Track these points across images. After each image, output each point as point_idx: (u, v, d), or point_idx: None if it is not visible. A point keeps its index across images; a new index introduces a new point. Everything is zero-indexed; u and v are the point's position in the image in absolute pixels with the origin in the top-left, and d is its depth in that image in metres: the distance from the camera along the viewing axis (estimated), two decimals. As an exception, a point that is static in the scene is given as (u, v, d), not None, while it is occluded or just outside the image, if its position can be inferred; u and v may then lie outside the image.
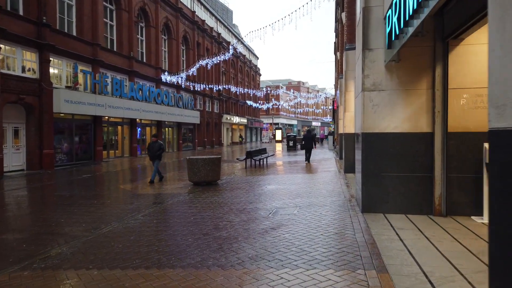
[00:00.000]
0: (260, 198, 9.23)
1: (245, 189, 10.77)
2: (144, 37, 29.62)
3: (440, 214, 6.40)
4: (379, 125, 6.66)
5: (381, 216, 6.49)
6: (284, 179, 12.67)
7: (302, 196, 9.12)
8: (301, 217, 6.79)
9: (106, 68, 23.73)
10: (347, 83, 13.55)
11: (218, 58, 26.31)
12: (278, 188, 10.74)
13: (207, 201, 9.09)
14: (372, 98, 6.69)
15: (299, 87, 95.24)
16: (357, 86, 7.69)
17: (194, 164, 11.97)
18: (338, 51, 22.38)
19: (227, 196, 9.64)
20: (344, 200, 8.30)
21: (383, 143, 6.65)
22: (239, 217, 7.13)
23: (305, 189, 10.33)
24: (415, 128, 6.54)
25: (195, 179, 11.99)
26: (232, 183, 12.29)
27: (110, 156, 24.46)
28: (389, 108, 6.63)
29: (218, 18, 48.42)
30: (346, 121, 13.65)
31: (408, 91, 6.56)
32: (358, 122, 7.40)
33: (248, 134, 64.90)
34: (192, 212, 7.86)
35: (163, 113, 30.33)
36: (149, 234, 6.15)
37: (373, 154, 6.68)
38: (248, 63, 62.46)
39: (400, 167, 6.57)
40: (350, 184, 10.80)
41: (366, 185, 6.74)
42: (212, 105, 44.66)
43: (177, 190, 11.15)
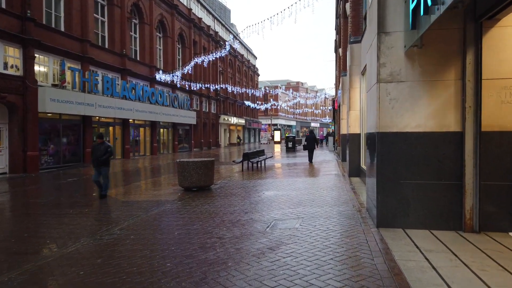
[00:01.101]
0: (257, 206, 8.15)
1: (241, 196, 9.69)
2: (138, 34, 28.53)
3: (472, 229, 5.33)
4: (398, 123, 5.59)
5: (400, 232, 5.41)
6: (284, 184, 11.59)
7: (304, 205, 8.04)
8: (305, 233, 5.70)
9: (97, 66, 22.61)
10: (351, 79, 12.49)
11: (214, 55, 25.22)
12: (277, 194, 9.66)
13: (197, 210, 8.00)
14: (390, 91, 5.61)
15: (298, 87, 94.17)
16: (369, 77, 6.62)
17: (185, 168, 10.88)
18: (340, 47, 21.33)
19: (219, 205, 8.55)
20: (353, 211, 7.22)
21: (402, 144, 5.57)
22: (231, 232, 6.04)
23: (307, 195, 9.25)
24: (441, 127, 5.47)
25: (186, 184, 10.91)
26: (226, 188, 11.21)
27: (101, 158, 23.31)
28: (409, 103, 5.56)
29: (216, 16, 47.36)
30: (351, 121, 12.58)
31: (433, 82, 5.49)
32: (371, 120, 6.33)
33: (246, 135, 63.80)
34: (178, 224, 6.77)
35: (158, 113, 29.22)
36: (121, 255, 5.06)
37: (391, 158, 5.61)
38: (246, 62, 61.40)
39: (423, 173, 5.50)
40: (357, 190, 9.72)
41: (381, 195, 5.66)
42: (209, 105, 43.56)
43: (166, 196, 10.06)
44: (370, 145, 6.56)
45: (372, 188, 6.18)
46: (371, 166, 6.27)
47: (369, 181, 6.60)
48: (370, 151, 6.47)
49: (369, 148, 6.64)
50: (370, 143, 6.57)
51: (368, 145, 6.79)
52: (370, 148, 6.55)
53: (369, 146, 6.70)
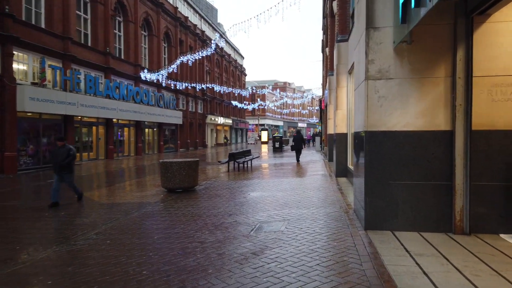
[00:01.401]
0: (242, 208, 7.88)
1: (226, 197, 9.41)
2: (122, 32, 27.96)
3: (462, 231, 5.16)
4: (387, 121, 5.39)
5: (389, 235, 5.21)
6: (270, 185, 11.35)
7: (290, 206, 7.81)
8: (290, 236, 5.46)
9: (79, 64, 22.03)
10: (338, 78, 12.33)
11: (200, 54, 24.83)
12: (263, 195, 9.40)
13: (179, 213, 7.69)
14: (378, 89, 5.41)
15: (285, 87, 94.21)
16: (357, 75, 6.42)
17: (168, 169, 10.55)
18: (327, 46, 21.22)
19: (203, 206, 8.26)
20: (341, 212, 7.01)
21: (391, 144, 5.38)
22: (214, 236, 5.76)
23: (293, 196, 9.03)
24: (431, 126, 5.29)
25: (169, 185, 10.58)
26: (211, 189, 10.91)
27: (83, 159, 22.73)
28: (398, 100, 5.36)
29: (202, 15, 46.93)
30: (338, 120, 12.42)
31: (423, 79, 5.31)
32: (359, 119, 6.13)
33: (234, 135, 63.46)
34: (158, 228, 6.46)
35: (143, 113, 28.69)
36: (95, 262, 4.73)
37: (379, 158, 5.41)
38: (233, 62, 61.06)
39: (412, 174, 5.32)
40: (344, 191, 9.53)
41: (370, 196, 5.46)
42: (196, 105, 43.11)
43: (148, 198, 9.72)
44: (357, 144, 6.36)
45: (359, 189, 5.98)
46: (359, 166, 6.07)
47: (357, 181, 6.40)
48: (358, 151, 6.27)
49: (357, 148, 6.44)
50: (357, 142, 6.38)
51: (356, 144, 6.59)
52: (357, 147, 6.36)
53: (356, 145, 6.50)
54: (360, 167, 5.97)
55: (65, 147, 9.06)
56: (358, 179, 6.27)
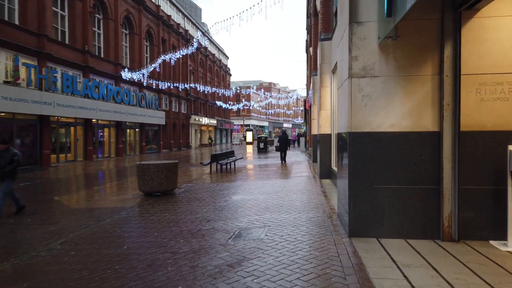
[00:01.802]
0: (221, 213, 7.49)
1: (205, 201, 9.00)
2: (102, 30, 27.18)
3: (451, 238, 4.89)
4: (371, 122, 5.09)
5: (375, 243, 4.90)
6: (252, 187, 10.99)
7: (271, 211, 7.46)
8: (270, 245, 5.10)
9: (56, 62, 21.25)
10: (322, 78, 12.06)
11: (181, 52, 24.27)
12: (244, 199, 9.03)
13: (155, 218, 7.25)
14: (362, 87, 5.11)
15: (271, 88, 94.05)
16: (340, 73, 6.11)
17: (145, 171, 10.08)
18: (311, 46, 21.01)
19: (181, 211, 7.84)
20: (324, 217, 6.70)
21: (376, 145, 5.08)
22: (189, 245, 5.37)
23: (275, 200, 8.68)
24: (418, 126, 5.01)
25: (146, 188, 10.11)
26: (191, 192, 10.48)
27: (60, 161, 21.94)
28: (384, 100, 5.07)
29: (186, 14, 46.27)
30: (321, 120, 12.14)
31: (409, 77, 5.03)
32: (342, 119, 5.81)
33: (218, 136, 62.90)
34: (130, 236, 6.02)
35: (123, 113, 27.96)
36: (54, 278, 4.28)
37: (364, 160, 5.10)
38: (217, 62, 60.50)
39: (398, 177, 5.03)
40: (328, 194, 9.24)
41: (354, 201, 5.14)
42: (179, 105, 42.44)
43: (123, 202, 9.23)
44: (341, 146, 6.05)
45: (343, 193, 5.67)
46: (343, 169, 5.76)
47: (341, 184, 6.10)
48: (342, 152, 5.96)
49: (341, 150, 6.13)
50: (341, 144, 6.07)
51: (340, 146, 6.29)
52: (341, 149, 6.05)
53: (340, 147, 6.20)
54: (344, 169, 5.66)
55: (9, 151, 7.78)
56: (342, 182, 5.96)
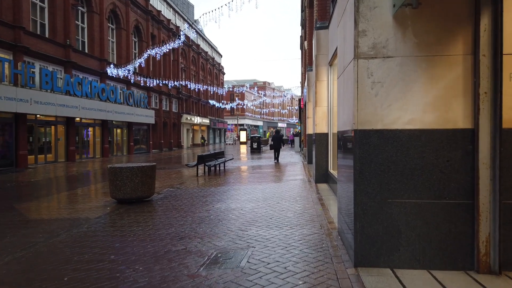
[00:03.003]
0: (199, 228, 6.28)
1: (184, 210, 7.79)
2: (86, 24, 25.82)
3: (489, 270, 3.72)
4: (384, 117, 3.91)
5: (389, 275, 3.72)
6: (240, 193, 9.79)
7: (259, 225, 6.26)
8: (251, 279, 3.90)
9: (33, 57, 19.90)
10: (318, 71, 10.88)
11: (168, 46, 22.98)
12: (229, 208, 7.82)
13: (118, 234, 6.02)
14: (372, 71, 3.92)
15: (265, 87, 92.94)
16: (342, 57, 4.92)
17: (117, 175, 8.84)
18: (306, 40, 19.86)
19: (153, 224, 6.61)
20: (321, 234, 5.50)
21: (390, 147, 3.89)
22: (148, 275, 4.15)
23: (265, 209, 7.49)
24: (445, 122, 3.84)
25: (118, 195, 8.87)
26: (171, 199, 9.26)
27: (39, 162, 20.60)
28: (400, 87, 3.89)
29: (177, 10, 44.94)
30: (317, 118, 10.96)
31: (433, 58, 3.85)
32: (345, 114, 4.62)
33: (211, 136, 61.63)
34: (80, 260, 4.79)
35: (109, 111, 26.61)
36: None
37: (374, 167, 3.91)
38: (210, 60, 59.20)
39: (419, 189, 3.85)
40: (325, 201, 8.06)
41: (361, 220, 3.96)
42: (170, 103, 41.11)
43: (89, 212, 7.99)
44: (343, 148, 4.86)
45: (346, 205, 4.49)
46: (345, 176, 4.57)
47: (342, 193, 4.91)
48: (344, 156, 4.77)
49: (342, 152, 4.94)
50: (342, 145, 4.88)
51: (341, 148, 5.09)
52: (343, 151, 4.86)
53: (342, 149, 5.00)
54: (346, 177, 4.47)
55: None
56: (343, 190, 4.78)
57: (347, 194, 4.44)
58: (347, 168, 4.41)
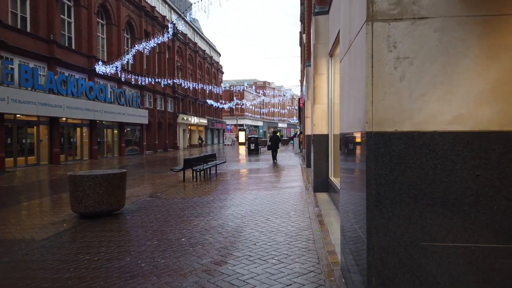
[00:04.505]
0: (162, 258, 4.87)
1: (152, 230, 6.39)
2: (73, 18, 24.43)
3: None
4: (415, 112, 2.50)
5: None
6: (226, 205, 8.38)
7: (238, 255, 4.84)
8: None
9: (11, 52, 18.51)
10: (317, 63, 9.46)
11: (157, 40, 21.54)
12: (207, 227, 6.41)
13: (55, 267, 4.62)
14: (396, 40, 2.51)
15: (265, 86, 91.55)
16: (348, 22, 3.48)
17: (78, 185, 7.45)
18: (304, 33, 18.46)
19: (106, 252, 5.21)
20: (319, 275, 4.09)
21: (424, 159, 2.48)
22: None
23: (250, 229, 6.07)
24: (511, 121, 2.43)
25: (79, 208, 7.49)
26: (143, 212, 7.86)
27: (18, 165, 19.20)
28: (440, 66, 2.48)
29: (173, 7, 43.56)
30: (315, 117, 9.55)
31: (492, 20, 2.44)
32: (351, 109, 3.19)
33: (209, 136, 60.24)
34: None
35: (98, 110, 25.20)
36: None
37: (399, 190, 2.50)
38: (208, 59, 57.80)
39: (472, 226, 2.43)
40: (325, 218, 6.64)
41: (380, 274, 2.54)
42: (165, 103, 39.70)
43: (40, 231, 6.61)
44: (348, 158, 3.44)
45: (352, 235, 3.08)
46: (353, 203, 3.15)
47: (347, 215, 3.50)
48: (350, 171, 3.34)
49: (347, 165, 3.51)
50: (347, 154, 3.46)
51: (346, 158, 3.66)
52: (348, 164, 3.43)
53: (346, 160, 3.57)
54: (354, 205, 3.06)
55: None
56: (349, 211, 3.37)
57: (354, 220, 3.03)
58: (355, 189, 2.99)
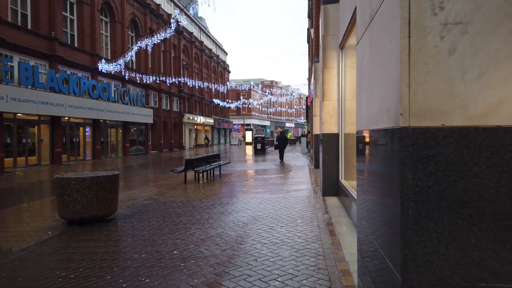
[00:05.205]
0: (146, 277, 4.20)
1: (143, 239, 5.73)
2: (76, 15, 23.96)
3: None
4: (471, 98, 1.78)
5: None
6: (227, 210, 7.70)
7: (236, 275, 4.15)
8: None
9: (11, 49, 18.04)
10: (325, 56, 8.73)
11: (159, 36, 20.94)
12: (204, 237, 5.73)
13: (22, 285, 3.98)
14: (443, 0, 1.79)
15: (272, 86, 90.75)
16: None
17: (65, 189, 6.83)
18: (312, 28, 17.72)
19: (85, 267, 4.55)
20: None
21: (483, 165, 1.76)
22: None
23: (251, 241, 5.38)
24: None
25: (66, 214, 6.87)
26: (137, 218, 7.21)
27: (18, 165, 18.74)
28: (503, 37, 1.75)
29: (178, 5, 43.02)
30: (324, 115, 8.82)
31: None
32: (374, 96, 2.46)
33: (216, 136, 59.67)
34: None
35: (101, 110, 24.71)
36: None
37: (447, 210, 1.78)
38: (215, 58, 57.22)
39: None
40: (336, 228, 5.92)
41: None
42: (171, 102, 39.17)
43: (21, 239, 6.01)
44: (372, 163, 2.72)
45: (382, 275, 2.37)
46: (380, 220, 2.43)
47: (368, 239, 2.78)
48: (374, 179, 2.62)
49: (369, 170, 2.79)
50: (371, 157, 2.75)
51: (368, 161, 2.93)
52: (371, 170, 2.71)
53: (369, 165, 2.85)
54: (382, 222, 2.34)
55: None
56: (370, 238, 2.66)
57: (377, 253, 2.32)
58: (381, 205, 2.27)
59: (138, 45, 20.48)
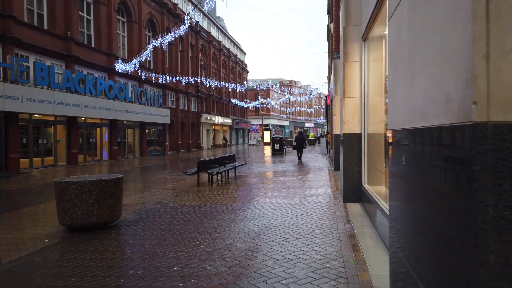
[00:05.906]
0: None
1: (143, 251, 5.16)
2: (92, 15, 23.86)
3: None
4: None
5: None
6: (238, 218, 7.08)
7: (242, 296, 3.52)
8: None
9: (26, 49, 17.95)
10: (347, 49, 7.98)
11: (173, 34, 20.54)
12: (212, 250, 5.12)
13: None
14: None
15: (291, 85, 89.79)
16: None
17: (64, 193, 6.36)
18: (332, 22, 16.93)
19: (77, 285, 4.01)
20: None
21: None
22: None
23: (261, 257, 4.73)
24: None
25: (66, 220, 6.41)
26: (142, 225, 6.68)
27: (34, 166, 18.66)
28: None
29: (195, 4, 42.73)
30: (346, 114, 8.08)
31: None
32: (425, 81, 1.77)
33: (234, 136, 59.25)
34: None
35: (118, 110, 24.54)
36: None
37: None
38: (233, 57, 56.81)
39: None
40: (359, 241, 5.20)
41: None
42: (188, 102, 38.91)
43: (15, 248, 5.55)
44: (418, 171, 2.03)
45: None
46: (435, 252, 1.75)
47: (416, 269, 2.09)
48: (424, 192, 1.93)
49: (415, 180, 2.10)
50: (416, 164, 2.06)
51: (409, 171, 2.24)
52: (419, 180, 2.03)
53: (413, 174, 2.15)
54: (437, 253, 1.66)
55: None
56: (419, 269, 1.96)
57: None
58: (437, 227, 1.59)
59: (153, 44, 20.10)
